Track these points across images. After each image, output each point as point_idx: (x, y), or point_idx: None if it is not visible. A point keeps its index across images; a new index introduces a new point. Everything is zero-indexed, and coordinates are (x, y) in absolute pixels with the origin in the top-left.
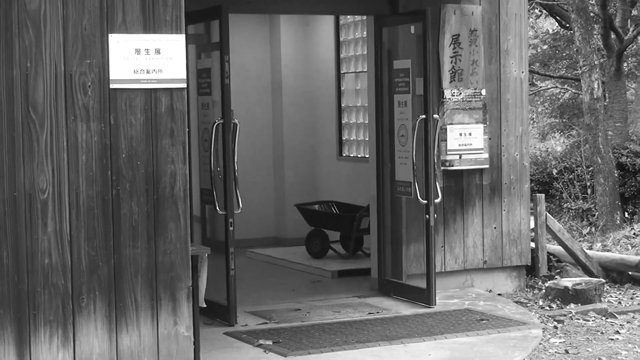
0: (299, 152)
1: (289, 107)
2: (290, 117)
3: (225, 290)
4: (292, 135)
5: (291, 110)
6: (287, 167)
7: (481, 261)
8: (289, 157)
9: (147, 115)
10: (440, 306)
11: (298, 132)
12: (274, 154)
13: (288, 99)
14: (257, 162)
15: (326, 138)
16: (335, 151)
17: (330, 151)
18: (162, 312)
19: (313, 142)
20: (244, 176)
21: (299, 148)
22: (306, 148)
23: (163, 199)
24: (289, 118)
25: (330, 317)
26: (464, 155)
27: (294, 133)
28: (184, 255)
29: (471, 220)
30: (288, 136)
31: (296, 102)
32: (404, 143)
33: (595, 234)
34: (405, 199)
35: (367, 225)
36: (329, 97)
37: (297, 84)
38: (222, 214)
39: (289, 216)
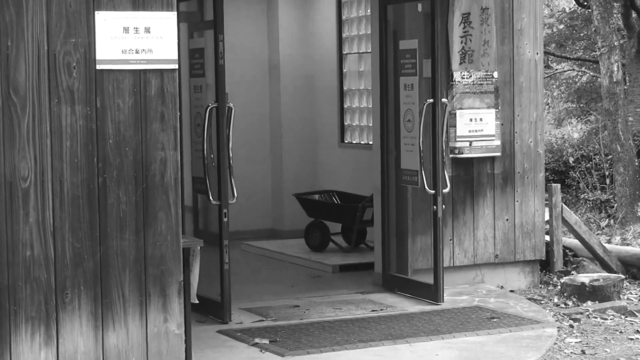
0: (298, 139)
1: (287, 90)
2: (288, 100)
3: (218, 286)
4: (291, 121)
5: (290, 94)
6: (285, 154)
7: (492, 255)
8: (287, 144)
9: (136, 98)
10: (449, 303)
11: (297, 117)
12: (272, 140)
13: (286, 82)
14: (254, 149)
15: (327, 123)
16: (336, 137)
17: (331, 137)
18: (152, 309)
19: (313, 127)
20: (239, 164)
21: (298, 134)
22: (306, 134)
23: (153, 188)
24: (287, 102)
25: (330, 314)
26: (474, 142)
27: (293, 118)
28: (174, 247)
29: (482, 211)
30: (286, 121)
31: (295, 85)
32: (410, 129)
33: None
34: (411, 189)
35: (371, 216)
36: (330, 80)
37: (296, 65)
38: (216, 204)
39: (287, 207)
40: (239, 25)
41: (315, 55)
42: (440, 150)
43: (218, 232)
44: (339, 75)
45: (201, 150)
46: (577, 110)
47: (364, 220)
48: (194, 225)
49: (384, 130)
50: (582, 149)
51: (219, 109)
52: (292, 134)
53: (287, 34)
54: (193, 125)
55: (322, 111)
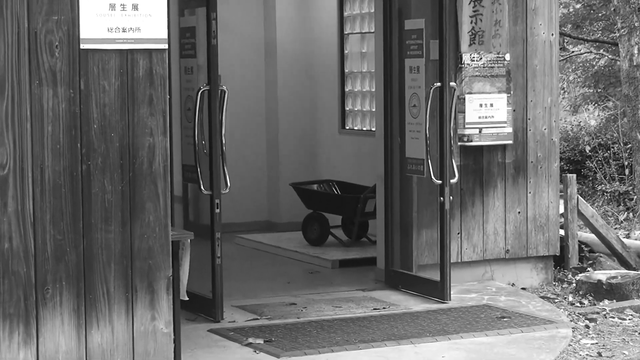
0: (296, 125)
1: (284, 72)
2: (286, 83)
3: (210, 282)
4: (288, 105)
5: (287, 76)
6: (281, 141)
7: (503, 250)
8: (284, 130)
9: (123, 80)
10: (456, 301)
11: (295, 101)
12: (267, 126)
13: (284, 63)
14: (248, 135)
15: (327, 108)
16: (337, 123)
17: (331, 123)
18: (138, 306)
19: (312, 112)
20: (232, 151)
21: (296, 119)
22: (304, 120)
23: (140, 176)
24: (284, 85)
25: (329, 312)
26: (484, 129)
27: (290, 102)
28: (163, 240)
29: (492, 203)
30: (283, 106)
31: (293, 67)
32: (415, 115)
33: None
34: (416, 179)
35: (373, 208)
36: (330, 61)
37: (294, 46)
38: (207, 194)
39: (283, 197)
40: (233, 2)
41: (314, 35)
42: (447, 138)
43: (209, 224)
44: (340, 57)
45: (192, 136)
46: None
47: (366, 212)
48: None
49: (387, 116)
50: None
51: (212, 92)
52: (289, 120)
53: (284, 13)
54: (183, 109)
55: (321, 95)
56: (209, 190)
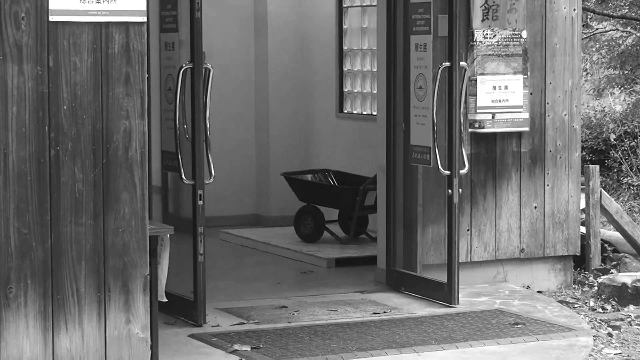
0: (288, 108)
1: (276, 49)
2: (277, 62)
3: (191, 281)
4: (280, 86)
5: (279, 54)
6: (272, 126)
7: (517, 249)
8: (275, 114)
9: (96, 56)
10: (465, 305)
11: (287, 82)
12: (257, 109)
13: (275, 40)
14: (235, 119)
15: (323, 90)
16: (334, 107)
17: (327, 107)
18: (112, 308)
19: (306, 94)
20: (217, 136)
21: (288, 102)
22: (297, 102)
23: (115, 163)
24: (276, 63)
25: (324, 317)
26: (498, 115)
27: (282, 83)
28: (140, 235)
29: (505, 197)
30: (274, 87)
31: (286, 43)
32: (422, 98)
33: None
34: (422, 169)
35: (373, 201)
36: (327, 38)
37: (287, 20)
38: (189, 184)
39: (273, 188)
40: None
41: (309, 8)
42: (457, 124)
43: (191, 218)
44: (338, 33)
45: (172, 119)
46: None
47: (366, 206)
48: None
49: (390, 99)
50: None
51: (195, 70)
52: (281, 102)
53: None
54: (163, 89)
55: (317, 75)
56: (191, 180)
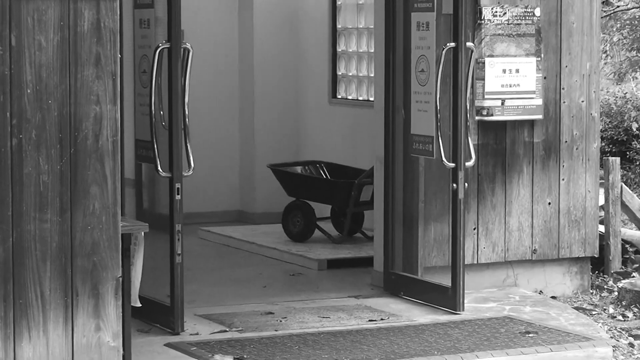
0: (276, 92)
1: (262, 27)
2: (264, 42)
3: (168, 285)
4: (267, 68)
5: (266, 33)
6: (258, 113)
7: (529, 250)
8: (261, 99)
9: (64, 34)
10: (470, 312)
11: (275, 64)
12: (241, 93)
13: (261, 16)
14: (217, 105)
15: (314, 73)
16: (326, 92)
17: (319, 92)
18: (80, 313)
19: (295, 78)
20: (197, 124)
21: (276, 86)
22: (286, 86)
23: (84, 154)
24: (262, 44)
25: (315, 324)
26: (508, 101)
27: (269, 65)
28: (111, 233)
29: (516, 192)
30: (261, 69)
31: (273, 20)
32: (424, 82)
33: None
34: (424, 161)
35: (370, 196)
36: (319, 14)
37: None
38: (166, 176)
39: (259, 182)
40: None
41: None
42: (463, 111)
43: (168, 214)
44: (331, 10)
45: (147, 105)
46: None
47: (361, 202)
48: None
49: (389, 84)
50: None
51: (172, 50)
52: (268, 86)
53: None
54: (137, 72)
55: (308, 57)
56: (167, 172)
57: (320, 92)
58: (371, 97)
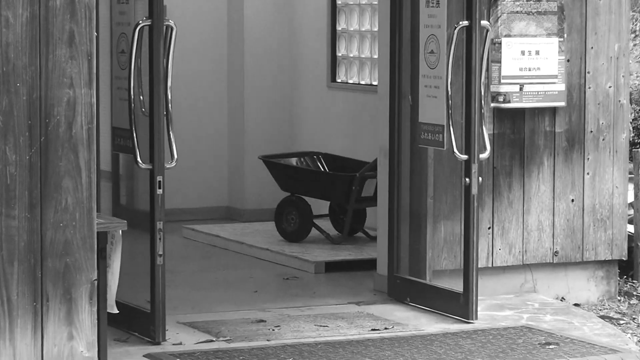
0: (269, 76)
1: (253, 1)
2: (255, 18)
3: (148, 289)
4: (258, 48)
5: (257, 8)
6: (248, 98)
7: (549, 252)
8: (252, 83)
9: (34, 10)
10: (485, 321)
11: (268, 45)
12: (230, 77)
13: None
14: (204, 90)
15: (311, 54)
16: (324, 75)
17: (316, 75)
18: (51, 320)
19: (291, 60)
20: (181, 111)
21: (269, 70)
22: (280, 69)
23: (55, 143)
24: (253, 20)
25: (311, 334)
26: (527, 86)
27: (261, 44)
28: (85, 231)
29: (535, 187)
30: (251, 49)
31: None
32: (433, 64)
33: None
34: (433, 153)
35: (373, 191)
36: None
37: None
38: (146, 168)
39: (250, 175)
40: None
41: None
42: (477, 97)
43: (149, 211)
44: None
45: (126, 89)
46: None
47: (363, 197)
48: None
49: (394, 66)
50: None
51: (154, 28)
52: (259, 69)
53: None
54: (115, 52)
55: (304, 36)
56: (148, 164)
57: (318, 76)
58: (374, 81)
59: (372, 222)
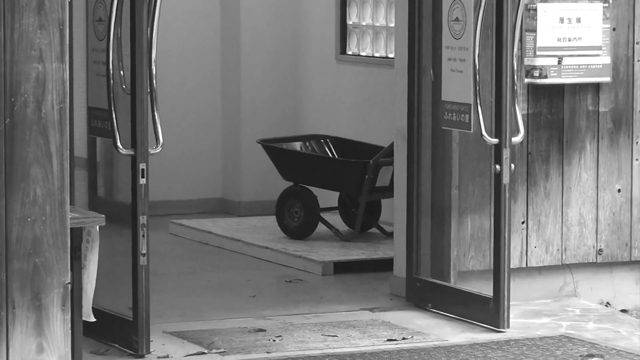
0: (269, 47)
1: None
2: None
3: (130, 294)
4: (257, 16)
5: None
6: (245, 73)
7: (593, 250)
8: (249, 57)
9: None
10: (518, 330)
11: (267, 13)
12: (224, 49)
13: None
14: (194, 65)
15: (317, 22)
16: (333, 47)
17: (324, 46)
18: (17, 330)
19: (293, 30)
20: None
21: (268, 39)
22: (281, 40)
23: (22, 125)
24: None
25: (318, 344)
26: (566, 59)
27: (260, 11)
28: (57, 227)
29: (576, 175)
30: (249, 18)
31: None
32: (459, 34)
33: None
34: (458, 136)
35: (389, 180)
36: None
37: None
38: (127, 154)
39: (247, 162)
40: None
41: None
42: (508, 72)
43: (130, 203)
44: None
45: (104, 63)
46: None
47: (378, 187)
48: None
49: (414, 36)
50: None
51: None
52: (258, 40)
53: None
54: (91, 20)
55: (309, 1)
56: (129, 149)
57: (326, 47)
58: (391, 54)
59: (388, 216)
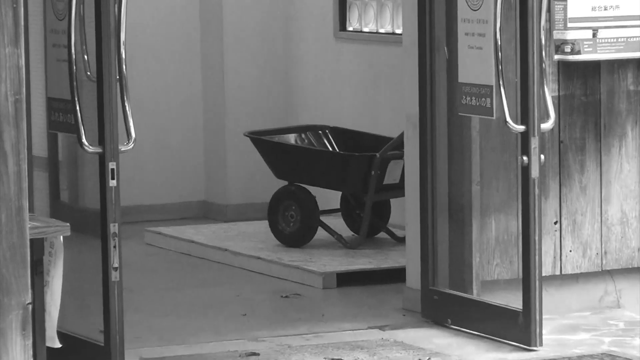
0: (256, 24)
1: None
2: None
3: (101, 314)
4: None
5: None
6: (229, 54)
7: (637, 254)
8: (234, 35)
9: None
10: (552, 347)
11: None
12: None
13: None
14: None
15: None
16: (331, 21)
17: (320, 22)
18: None
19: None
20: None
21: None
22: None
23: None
24: None
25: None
26: (602, 31)
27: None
28: (14, 238)
29: (617, 167)
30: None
31: None
32: (476, 4)
33: None
34: (478, 124)
35: (399, 177)
36: None
37: None
38: (94, 152)
39: (233, 160)
40: None
41: None
42: (535, 48)
43: (100, 209)
44: None
45: (65, 46)
46: None
47: (386, 185)
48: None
49: (424, 9)
50: None
51: None
52: (243, 16)
53: None
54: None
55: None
56: (96, 147)
57: (323, 22)
58: (398, 29)
59: (398, 218)
